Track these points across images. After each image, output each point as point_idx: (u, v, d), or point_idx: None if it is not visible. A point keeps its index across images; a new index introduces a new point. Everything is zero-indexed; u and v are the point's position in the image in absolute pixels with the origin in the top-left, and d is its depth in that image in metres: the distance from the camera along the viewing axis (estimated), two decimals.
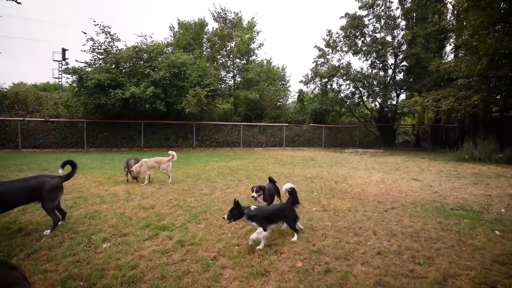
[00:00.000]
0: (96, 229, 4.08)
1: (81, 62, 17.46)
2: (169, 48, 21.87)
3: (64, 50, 29.10)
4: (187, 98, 17.32)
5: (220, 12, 23.25)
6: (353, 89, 22.95)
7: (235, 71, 24.33)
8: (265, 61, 26.96)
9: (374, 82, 21.87)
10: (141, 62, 18.01)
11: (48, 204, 3.95)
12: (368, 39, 22.00)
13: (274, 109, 24.28)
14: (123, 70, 17.67)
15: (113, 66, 17.15)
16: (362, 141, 23.53)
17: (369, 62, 22.26)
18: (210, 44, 24.76)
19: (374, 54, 21.23)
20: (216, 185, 7.24)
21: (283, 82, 29.49)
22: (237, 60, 24.23)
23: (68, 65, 20.59)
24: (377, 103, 23.75)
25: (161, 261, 3.23)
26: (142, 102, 16.27)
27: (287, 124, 22.35)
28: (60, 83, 28.76)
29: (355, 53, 21.98)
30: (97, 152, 15.80)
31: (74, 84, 17.13)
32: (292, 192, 4.18)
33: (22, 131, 16.73)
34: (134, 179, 7.38)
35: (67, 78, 18.80)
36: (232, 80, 24.53)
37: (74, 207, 5.17)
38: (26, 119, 17.31)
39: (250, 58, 24.41)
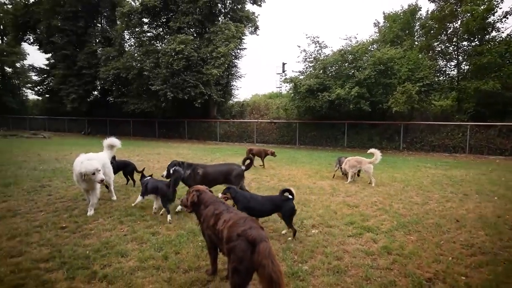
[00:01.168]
0: (306, 215, 4.62)
1: (295, 71, 20.55)
2: (374, 45, 20.98)
3: (283, 64, 35.55)
4: (394, 96, 15.87)
5: None
6: None
7: (460, 57, 19.39)
8: None
9: None
10: (346, 64, 18.48)
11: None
12: None
13: None
14: (329, 74, 18.92)
15: (321, 72, 18.79)
16: None
17: None
18: (423, 31, 21.24)
19: None
20: (430, 195, 6.10)
21: None
22: (464, 42, 19.12)
23: (286, 76, 25.00)
24: None
25: (365, 262, 3.13)
26: (346, 103, 16.72)
27: None
28: (280, 91, 35.47)
29: None
30: (306, 149, 18.00)
31: (291, 91, 20.39)
32: None
33: (256, 130, 22.18)
34: (344, 175, 7.74)
35: (285, 86, 22.78)
36: (455, 70, 19.72)
37: None
38: (259, 121, 22.81)
39: (486, 36, 18.48)
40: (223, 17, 23.60)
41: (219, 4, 22.76)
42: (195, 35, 23.23)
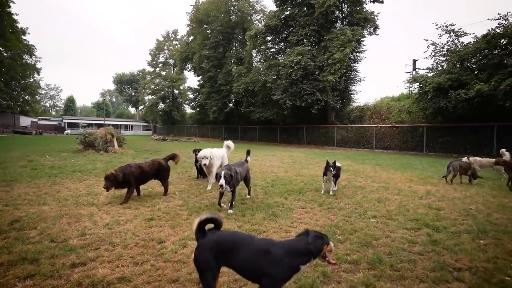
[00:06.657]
0: (374, 209, 4.77)
1: (422, 69, 18.19)
2: None
3: (414, 61, 31.30)
4: None
5: None
6: None
7: None
8: None
9: None
10: (495, 51, 14.93)
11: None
12: None
13: None
14: (469, 67, 15.79)
15: (457, 65, 15.90)
16: None
17: None
18: None
19: None
20: None
21: None
22: None
23: (415, 74, 22.14)
24: None
25: (400, 246, 3.19)
26: (495, 101, 13.62)
27: None
28: (410, 92, 31.41)
29: None
30: (435, 157, 15.69)
31: (415, 91, 18.23)
32: None
33: (376, 135, 20.89)
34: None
35: (412, 87, 20.40)
36: None
37: (374, 192, 6.17)
38: (379, 125, 21.37)
39: None
40: (340, 23, 23.75)
41: (336, 11, 23.11)
42: (313, 44, 24.42)
